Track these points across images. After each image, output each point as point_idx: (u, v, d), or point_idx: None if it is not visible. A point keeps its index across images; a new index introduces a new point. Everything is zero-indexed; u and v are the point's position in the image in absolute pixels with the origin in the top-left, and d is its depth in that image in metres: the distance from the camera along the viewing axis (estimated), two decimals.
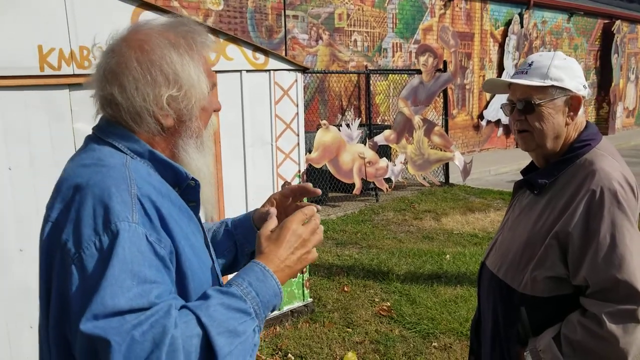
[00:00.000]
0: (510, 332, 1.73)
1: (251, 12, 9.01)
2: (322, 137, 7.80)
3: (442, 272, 5.36)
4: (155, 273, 0.99)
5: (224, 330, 1.00)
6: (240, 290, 1.06)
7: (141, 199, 1.04)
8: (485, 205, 8.21)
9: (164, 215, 1.07)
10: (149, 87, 1.13)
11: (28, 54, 2.70)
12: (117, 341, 0.92)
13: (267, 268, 1.11)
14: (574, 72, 1.68)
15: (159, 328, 0.94)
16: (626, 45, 18.84)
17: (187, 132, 1.20)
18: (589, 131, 1.70)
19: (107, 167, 1.08)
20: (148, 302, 0.96)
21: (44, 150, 2.80)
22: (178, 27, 1.20)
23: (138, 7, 3.07)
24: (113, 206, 1.00)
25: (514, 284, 1.70)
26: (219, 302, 1.03)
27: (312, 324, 4.25)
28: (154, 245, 1.01)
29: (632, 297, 1.49)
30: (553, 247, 1.60)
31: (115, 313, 0.93)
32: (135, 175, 1.07)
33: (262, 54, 3.79)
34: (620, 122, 18.90)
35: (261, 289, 1.08)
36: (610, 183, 1.54)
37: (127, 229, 0.98)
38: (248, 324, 1.04)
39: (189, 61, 1.17)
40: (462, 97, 13.31)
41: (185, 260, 1.09)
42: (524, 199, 1.79)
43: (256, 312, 1.06)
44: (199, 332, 0.98)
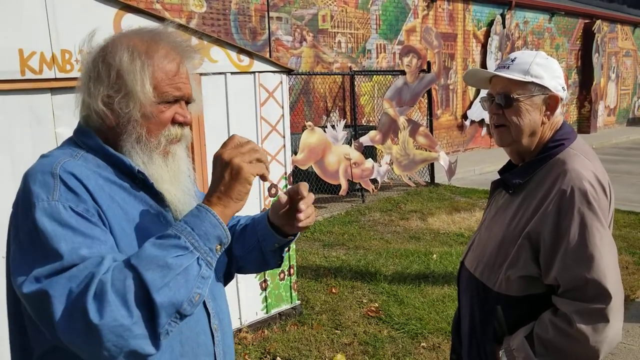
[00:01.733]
0: (486, 330, 1.75)
1: (234, 14, 8.98)
2: (308, 138, 7.79)
3: (429, 272, 5.37)
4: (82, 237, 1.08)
5: (154, 265, 1.06)
6: (173, 229, 1.12)
7: (64, 178, 1.13)
8: (470, 205, 8.26)
9: (94, 192, 1.15)
10: (92, 84, 1.22)
11: (8, 58, 2.66)
12: (54, 295, 1.02)
13: (202, 204, 1.17)
14: (555, 72, 1.69)
15: (89, 276, 1.03)
16: (606, 44, 19.11)
17: (128, 136, 1.24)
18: (564, 130, 1.71)
19: (49, 157, 1.20)
20: (79, 258, 1.05)
21: (25, 155, 2.76)
22: (150, 33, 1.26)
23: (120, 10, 3.04)
24: (34, 189, 1.12)
25: (489, 283, 1.71)
26: (151, 244, 1.10)
27: (301, 327, 4.24)
28: (81, 213, 1.11)
29: (601, 296, 1.50)
30: (525, 246, 1.61)
31: (51, 274, 1.04)
32: (78, 162, 1.18)
33: (247, 56, 3.77)
34: (601, 121, 19.15)
35: (195, 222, 1.13)
36: (580, 183, 1.55)
37: (44, 207, 1.09)
38: (185, 257, 1.09)
39: (139, 66, 1.21)
40: (446, 97, 13.39)
41: (118, 239, 1.16)
42: (500, 199, 1.80)
43: (194, 245, 1.11)
44: (130, 273, 1.05)
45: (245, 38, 9.11)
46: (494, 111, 1.72)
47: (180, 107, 1.28)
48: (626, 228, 6.83)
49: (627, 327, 4.10)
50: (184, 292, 1.07)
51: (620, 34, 20.05)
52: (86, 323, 1.00)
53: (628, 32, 20.63)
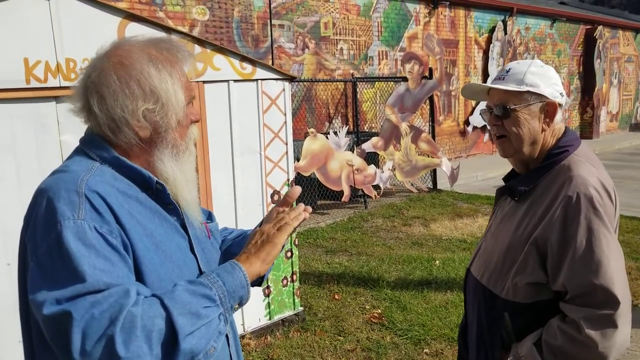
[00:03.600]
0: (494, 337, 1.75)
1: (237, 22, 9.02)
2: (310, 145, 7.81)
3: (432, 278, 5.37)
4: (104, 260, 1.08)
5: (186, 311, 1.08)
6: (207, 279, 1.16)
7: (89, 197, 1.13)
8: (473, 211, 8.25)
9: (117, 211, 1.15)
10: (127, 100, 1.21)
11: (14, 67, 2.69)
12: (76, 318, 1.02)
13: (236, 262, 1.23)
14: (550, 79, 1.70)
15: (117, 307, 1.03)
16: (608, 50, 19.11)
17: (162, 143, 1.26)
18: (567, 137, 1.72)
19: (67, 172, 1.20)
20: (104, 284, 1.05)
21: (30, 163, 2.78)
22: (159, 43, 1.28)
23: (124, 19, 3.07)
24: (59, 207, 1.11)
25: (496, 290, 1.72)
26: (184, 288, 1.12)
27: (303, 333, 4.24)
28: (105, 235, 1.11)
29: (609, 302, 1.50)
30: (532, 253, 1.62)
31: (74, 297, 1.03)
32: (95, 178, 1.17)
33: (250, 64, 3.80)
34: (604, 126, 19.13)
35: (228, 279, 1.18)
36: (586, 189, 1.56)
37: (70, 226, 1.08)
38: (212, 309, 1.13)
39: (167, 76, 1.24)
40: (448, 103, 13.41)
41: (141, 256, 1.16)
42: (506, 206, 1.81)
43: (221, 299, 1.15)
44: (161, 312, 1.07)
45: (247, 46, 9.16)
46: (493, 122, 1.74)
47: (192, 107, 1.33)
48: (629, 233, 6.82)
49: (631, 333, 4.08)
50: (204, 343, 1.10)
51: (622, 40, 20.06)
52: (110, 352, 1.01)
53: (630, 37, 20.64)
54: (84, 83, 1.24)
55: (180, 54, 1.29)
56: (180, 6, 8.25)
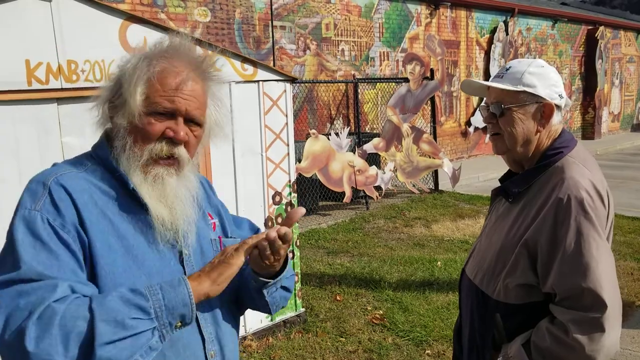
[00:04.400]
0: (485, 338, 1.75)
1: (238, 23, 9.03)
2: (312, 146, 7.82)
3: (433, 279, 5.37)
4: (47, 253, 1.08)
5: (111, 318, 1.03)
6: (147, 290, 1.09)
7: (52, 190, 1.15)
8: (474, 212, 8.25)
9: (81, 208, 1.15)
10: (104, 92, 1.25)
11: (15, 69, 2.69)
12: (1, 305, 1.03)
13: (184, 277, 1.15)
14: (549, 80, 1.68)
15: (39, 300, 1.03)
16: (610, 50, 19.10)
17: (117, 142, 1.23)
18: (562, 138, 1.71)
19: (55, 167, 1.24)
20: (36, 274, 1.05)
21: (32, 165, 2.78)
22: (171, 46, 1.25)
23: (126, 20, 3.07)
24: (24, 197, 1.16)
25: (488, 291, 1.72)
26: (119, 295, 1.07)
27: (305, 334, 4.24)
28: (56, 228, 1.11)
29: (596, 306, 1.50)
30: (523, 255, 1.62)
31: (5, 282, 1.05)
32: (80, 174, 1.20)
33: (251, 65, 3.80)
34: (606, 127, 19.12)
35: (169, 293, 1.10)
36: (577, 191, 1.55)
37: (24, 216, 1.12)
38: (143, 322, 1.06)
39: (136, 74, 1.20)
40: (449, 104, 13.41)
41: (98, 255, 1.14)
42: (500, 207, 1.81)
43: (157, 313, 1.08)
44: (85, 315, 1.02)
45: (249, 47, 9.16)
46: (488, 120, 1.74)
47: (175, 123, 1.22)
48: (631, 234, 6.81)
49: (633, 334, 4.08)
50: (126, 355, 1.04)
51: (623, 40, 20.04)
52: (20, 344, 0.99)
53: (631, 38, 20.62)
54: None
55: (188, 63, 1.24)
56: (181, 8, 8.26)
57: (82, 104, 1.34)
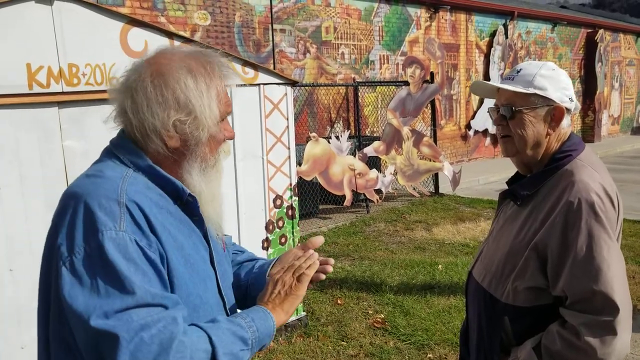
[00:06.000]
0: (494, 341, 1.74)
1: (238, 27, 9.04)
2: (312, 149, 7.81)
3: (435, 283, 5.36)
4: (142, 275, 1.07)
5: (229, 352, 1.11)
6: (244, 322, 1.18)
7: (130, 208, 1.11)
8: (475, 215, 8.24)
9: (153, 223, 1.14)
10: (159, 108, 1.19)
11: (16, 72, 2.69)
12: (125, 337, 1.00)
13: (268, 311, 1.25)
14: (560, 83, 1.68)
15: (167, 334, 1.03)
16: (609, 53, 19.12)
17: (191, 156, 1.25)
18: (571, 142, 1.71)
19: (104, 178, 1.17)
20: (151, 297, 1.05)
21: (33, 169, 2.78)
22: (202, 56, 1.27)
23: (127, 24, 3.07)
24: (100, 216, 1.08)
25: (497, 294, 1.71)
26: (227, 327, 1.15)
27: (306, 338, 4.23)
28: (144, 249, 1.09)
29: (608, 309, 1.49)
30: (533, 258, 1.61)
31: (122, 310, 1.02)
32: (132, 187, 1.15)
33: (252, 69, 3.80)
34: (605, 130, 19.12)
35: (261, 326, 1.20)
36: (588, 194, 1.55)
37: (113, 237, 1.07)
38: (245, 352, 1.16)
39: (204, 90, 1.22)
40: (449, 107, 13.41)
41: (174, 269, 1.16)
42: (508, 210, 1.80)
43: (252, 344, 1.17)
44: (207, 348, 1.08)
45: (249, 50, 9.17)
46: (498, 122, 1.74)
47: (227, 123, 1.33)
48: (632, 237, 6.80)
49: (635, 338, 4.07)
50: None
51: (623, 43, 20.07)
52: None
53: (631, 41, 20.65)
54: (122, 86, 1.23)
55: (221, 69, 1.28)
56: (181, 11, 8.26)
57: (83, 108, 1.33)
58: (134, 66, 1.24)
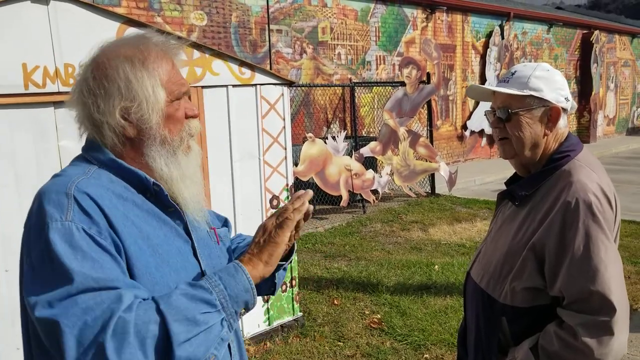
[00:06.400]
0: (491, 341, 1.74)
1: (235, 27, 9.03)
2: (309, 150, 7.81)
3: (431, 283, 5.36)
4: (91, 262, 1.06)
5: (182, 317, 1.05)
6: (208, 283, 1.12)
7: (78, 198, 1.12)
8: (471, 215, 8.25)
9: (110, 214, 1.13)
10: (102, 100, 1.20)
11: (12, 72, 2.68)
12: (67, 323, 1.00)
13: (239, 264, 1.18)
14: (555, 83, 1.68)
15: (108, 312, 1.01)
16: (605, 54, 19.19)
17: (150, 141, 1.24)
18: (569, 142, 1.71)
19: (62, 176, 1.19)
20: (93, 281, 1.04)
21: (29, 169, 2.77)
22: (136, 40, 1.26)
23: (123, 24, 3.07)
24: (48, 209, 1.10)
25: (495, 294, 1.71)
26: (182, 292, 1.09)
27: (303, 339, 4.22)
28: (94, 236, 1.09)
29: (605, 309, 1.50)
30: (530, 258, 1.61)
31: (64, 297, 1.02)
32: (89, 181, 1.16)
33: (248, 69, 3.79)
34: (601, 130, 19.19)
35: (230, 282, 1.13)
36: (585, 195, 1.55)
37: (57, 228, 1.07)
38: (212, 315, 1.09)
39: (142, 72, 1.22)
40: (445, 108, 13.43)
41: (134, 258, 1.14)
42: (506, 210, 1.80)
43: (223, 304, 1.11)
44: (156, 318, 1.04)
45: (245, 51, 9.16)
46: (495, 125, 1.74)
47: (186, 102, 1.31)
48: (628, 238, 6.82)
49: (631, 338, 4.09)
50: (203, 351, 1.07)
51: (618, 44, 20.14)
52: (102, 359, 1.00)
53: (626, 42, 20.73)
54: (73, 95, 1.25)
55: (162, 48, 1.27)
56: (178, 11, 8.25)
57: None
58: (80, 70, 1.26)
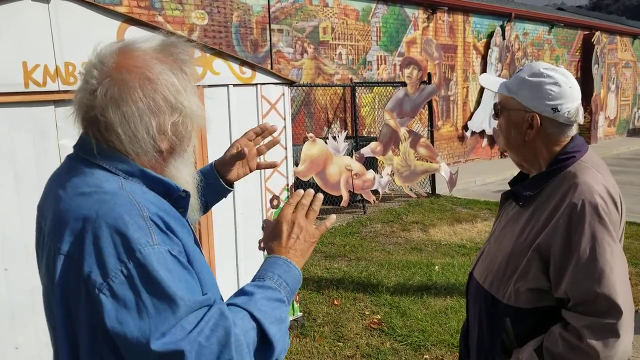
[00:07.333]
0: (495, 342, 1.74)
1: (236, 27, 9.03)
2: (309, 150, 7.80)
3: (431, 284, 5.35)
4: (185, 283, 1.06)
5: (273, 319, 1.14)
6: (274, 283, 1.20)
7: (153, 219, 1.09)
8: (472, 216, 8.24)
9: (173, 228, 1.13)
10: (153, 117, 1.14)
11: (12, 71, 2.67)
12: (188, 349, 1.01)
13: (288, 260, 1.26)
14: (543, 92, 1.62)
15: (221, 330, 1.03)
16: (606, 55, 19.18)
17: (180, 152, 1.25)
18: (574, 143, 1.70)
19: (110, 194, 1.10)
20: (198, 303, 1.05)
21: (28, 168, 2.76)
22: (171, 49, 1.21)
23: (124, 23, 3.06)
24: (131, 234, 1.03)
25: (498, 295, 1.71)
26: (262, 296, 1.16)
27: (303, 339, 4.22)
28: (178, 257, 1.09)
29: (611, 311, 1.49)
30: (535, 259, 1.60)
31: (174, 325, 1.02)
32: (139, 197, 1.11)
33: (249, 68, 3.78)
34: (602, 132, 19.18)
35: (288, 278, 1.23)
36: (591, 196, 1.54)
37: (152, 252, 1.03)
38: (285, 309, 1.19)
39: (187, 85, 1.20)
40: (446, 108, 13.42)
41: (197, 268, 1.17)
42: (510, 210, 1.80)
43: (288, 298, 1.21)
44: (253, 325, 1.10)
45: (246, 50, 9.15)
46: (494, 116, 1.80)
47: None
48: (629, 239, 6.82)
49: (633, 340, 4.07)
50: (286, 342, 1.17)
51: (619, 45, 20.13)
52: None
53: (627, 43, 20.71)
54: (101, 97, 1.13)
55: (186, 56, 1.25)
56: (179, 10, 8.25)
57: None
58: (105, 72, 1.14)
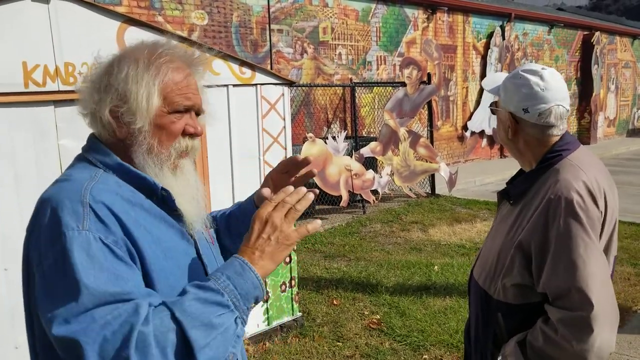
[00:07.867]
0: (488, 336, 1.79)
1: (236, 27, 9.03)
2: (309, 150, 7.80)
3: (430, 284, 5.36)
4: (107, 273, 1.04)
5: (199, 324, 1.04)
6: (217, 284, 1.09)
7: (94, 207, 1.09)
8: (471, 216, 8.25)
9: (125, 220, 1.12)
10: (97, 93, 1.21)
11: (12, 71, 2.68)
12: (86, 341, 0.99)
13: (245, 261, 1.13)
14: (515, 94, 1.71)
15: (127, 326, 1.00)
16: (605, 56, 19.18)
17: (138, 147, 1.22)
18: (563, 141, 1.73)
19: (70, 181, 1.16)
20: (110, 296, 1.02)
21: (28, 167, 2.77)
22: (154, 47, 1.25)
23: (123, 23, 3.06)
24: (63, 217, 1.07)
25: (490, 291, 1.76)
26: (194, 297, 1.07)
27: (302, 339, 4.22)
28: (110, 246, 1.07)
29: (583, 304, 1.51)
30: (518, 255, 1.65)
31: (81, 313, 1.00)
32: (99, 186, 1.14)
33: (249, 69, 3.79)
34: (601, 132, 19.18)
35: (239, 282, 1.11)
36: (568, 192, 1.57)
37: (75, 237, 1.05)
38: (226, 316, 1.08)
39: (145, 76, 1.20)
40: (446, 108, 13.43)
41: (150, 264, 1.14)
42: (504, 209, 1.85)
43: (235, 304, 1.09)
44: (173, 327, 1.03)
45: (246, 50, 9.16)
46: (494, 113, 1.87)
47: (191, 118, 1.27)
48: (627, 239, 6.82)
49: (630, 339, 4.08)
50: (222, 352, 1.07)
51: (619, 46, 20.13)
52: None
53: (627, 43, 20.72)
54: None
55: (182, 58, 1.26)
56: (179, 11, 8.25)
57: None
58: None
